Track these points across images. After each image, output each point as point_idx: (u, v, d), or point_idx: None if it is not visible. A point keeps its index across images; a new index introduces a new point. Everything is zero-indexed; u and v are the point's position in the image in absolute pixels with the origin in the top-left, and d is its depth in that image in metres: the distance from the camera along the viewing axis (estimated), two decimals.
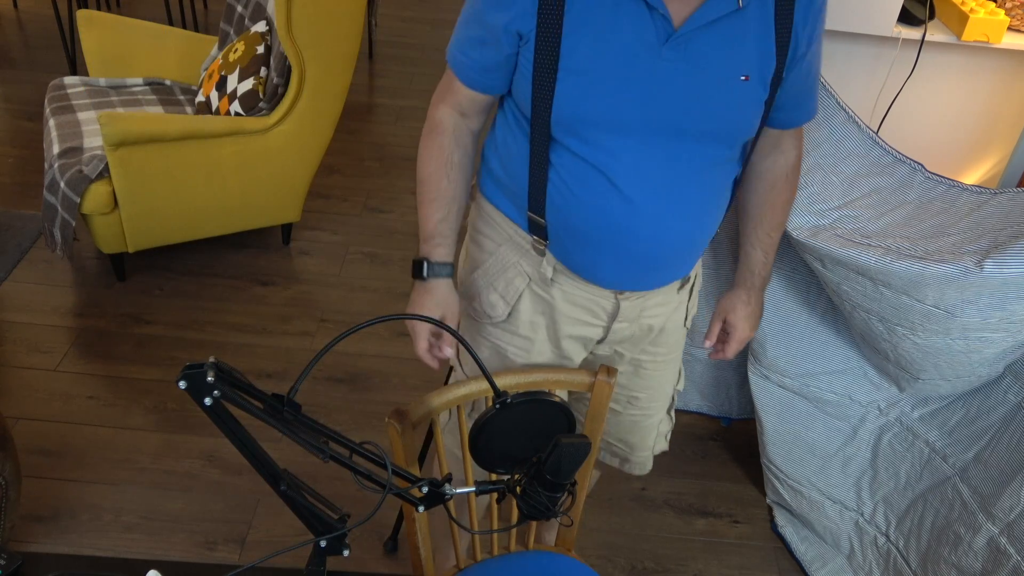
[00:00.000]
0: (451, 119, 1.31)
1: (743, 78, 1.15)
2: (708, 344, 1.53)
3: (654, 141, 1.18)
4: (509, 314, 1.41)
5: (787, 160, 1.38)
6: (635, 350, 1.50)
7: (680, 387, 1.65)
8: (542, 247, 1.33)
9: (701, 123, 1.17)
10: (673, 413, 1.68)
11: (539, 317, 1.41)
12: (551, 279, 1.36)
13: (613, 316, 1.39)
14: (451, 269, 1.33)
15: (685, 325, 1.51)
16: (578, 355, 1.48)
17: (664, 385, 1.58)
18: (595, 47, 1.13)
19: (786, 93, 1.26)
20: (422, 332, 1.32)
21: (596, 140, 1.18)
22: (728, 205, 1.35)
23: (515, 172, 1.30)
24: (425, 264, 1.31)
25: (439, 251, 1.31)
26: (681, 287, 1.44)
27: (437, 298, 1.32)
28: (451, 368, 2.00)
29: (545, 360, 1.48)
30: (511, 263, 1.38)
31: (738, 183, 1.35)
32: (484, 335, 1.47)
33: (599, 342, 1.46)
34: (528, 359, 1.46)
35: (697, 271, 1.49)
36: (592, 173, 1.20)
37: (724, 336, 1.52)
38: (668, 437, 1.70)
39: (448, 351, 1.33)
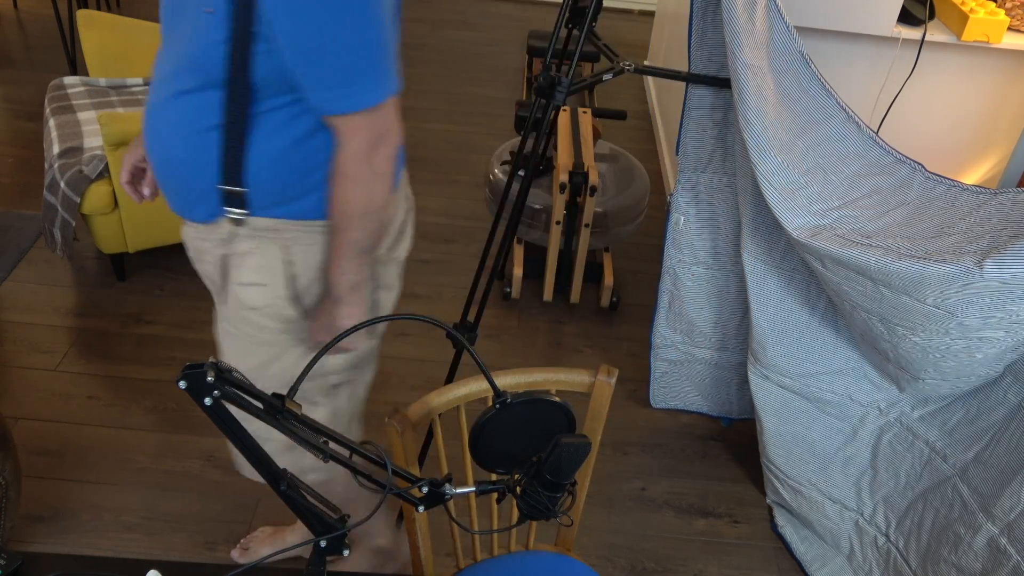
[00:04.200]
0: None
1: (207, 10, 1.13)
2: None
3: (161, 56, 1.27)
4: None
5: (338, 154, 1.22)
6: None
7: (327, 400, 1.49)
8: None
9: (174, 45, 1.22)
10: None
11: None
12: None
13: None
14: None
15: (245, 301, 1.34)
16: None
17: (229, 359, 1.43)
18: None
19: (286, 62, 1.14)
20: (126, 163, 1.44)
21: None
22: (222, 160, 1.23)
23: None
24: None
25: None
26: (224, 243, 1.31)
27: None
28: (452, 369, 2.00)
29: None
30: None
31: (230, 133, 1.21)
32: None
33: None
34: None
35: (255, 241, 1.30)
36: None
37: None
38: None
39: (147, 191, 1.44)
